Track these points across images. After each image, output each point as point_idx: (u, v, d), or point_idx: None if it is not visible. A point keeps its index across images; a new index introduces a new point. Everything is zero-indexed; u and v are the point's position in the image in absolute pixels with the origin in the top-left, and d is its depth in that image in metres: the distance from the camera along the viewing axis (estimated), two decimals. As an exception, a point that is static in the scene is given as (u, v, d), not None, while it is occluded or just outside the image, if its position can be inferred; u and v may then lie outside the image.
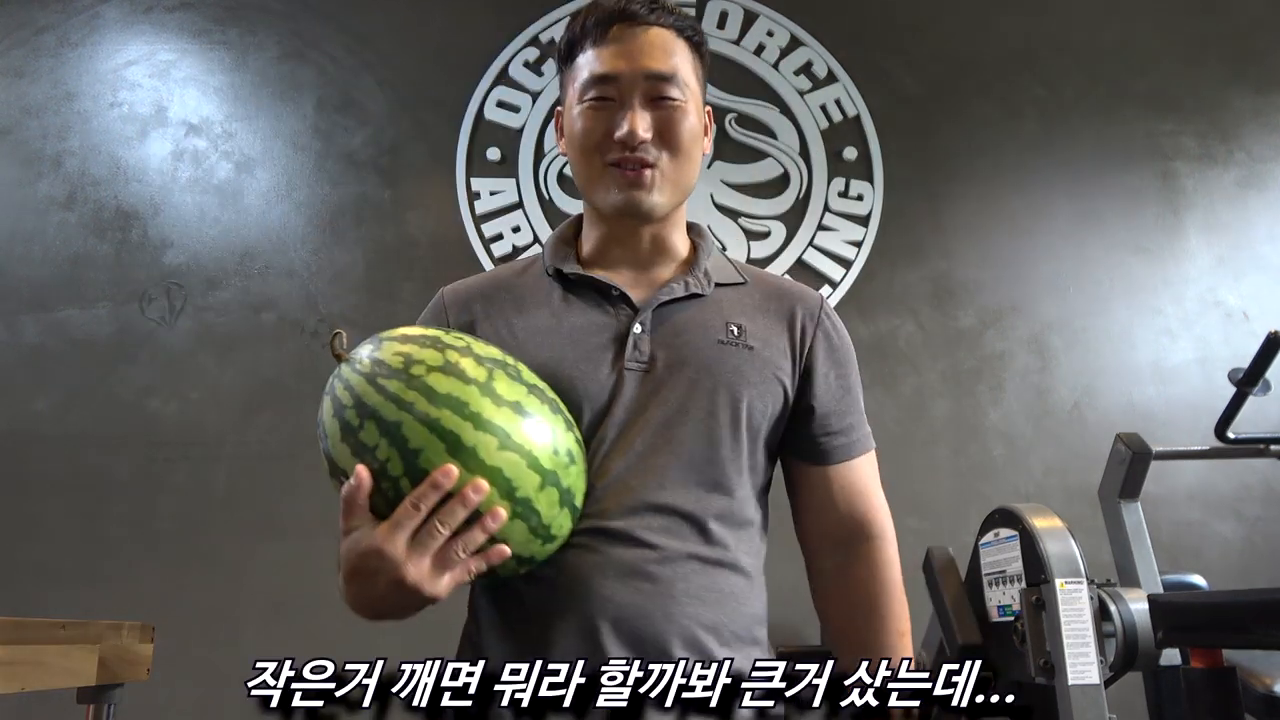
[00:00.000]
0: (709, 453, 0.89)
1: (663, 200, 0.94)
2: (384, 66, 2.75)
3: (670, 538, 0.86)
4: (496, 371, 0.79)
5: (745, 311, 0.96)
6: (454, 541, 0.74)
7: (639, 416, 0.89)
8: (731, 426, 0.90)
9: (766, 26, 2.83)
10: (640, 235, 0.98)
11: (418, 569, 0.73)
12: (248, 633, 2.29)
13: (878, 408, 2.60)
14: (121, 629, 1.23)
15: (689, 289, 0.95)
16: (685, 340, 0.92)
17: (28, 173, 2.63)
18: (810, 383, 0.97)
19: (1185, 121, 2.90)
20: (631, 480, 0.87)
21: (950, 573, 1.61)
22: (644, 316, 0.93)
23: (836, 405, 0.99)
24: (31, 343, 2.50)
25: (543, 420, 0.80)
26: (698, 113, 0.96)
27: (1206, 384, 2.66)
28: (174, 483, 2.42)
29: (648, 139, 0.91)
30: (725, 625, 0.87)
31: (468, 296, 0.99)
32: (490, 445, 0.75)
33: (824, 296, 1.04)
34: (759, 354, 0.93)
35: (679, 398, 0.89)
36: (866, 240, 2.71)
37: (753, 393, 0.92)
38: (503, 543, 0.77)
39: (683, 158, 0.94)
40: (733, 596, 0.89)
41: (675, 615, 0.84)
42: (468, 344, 0.81)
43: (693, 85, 0.95)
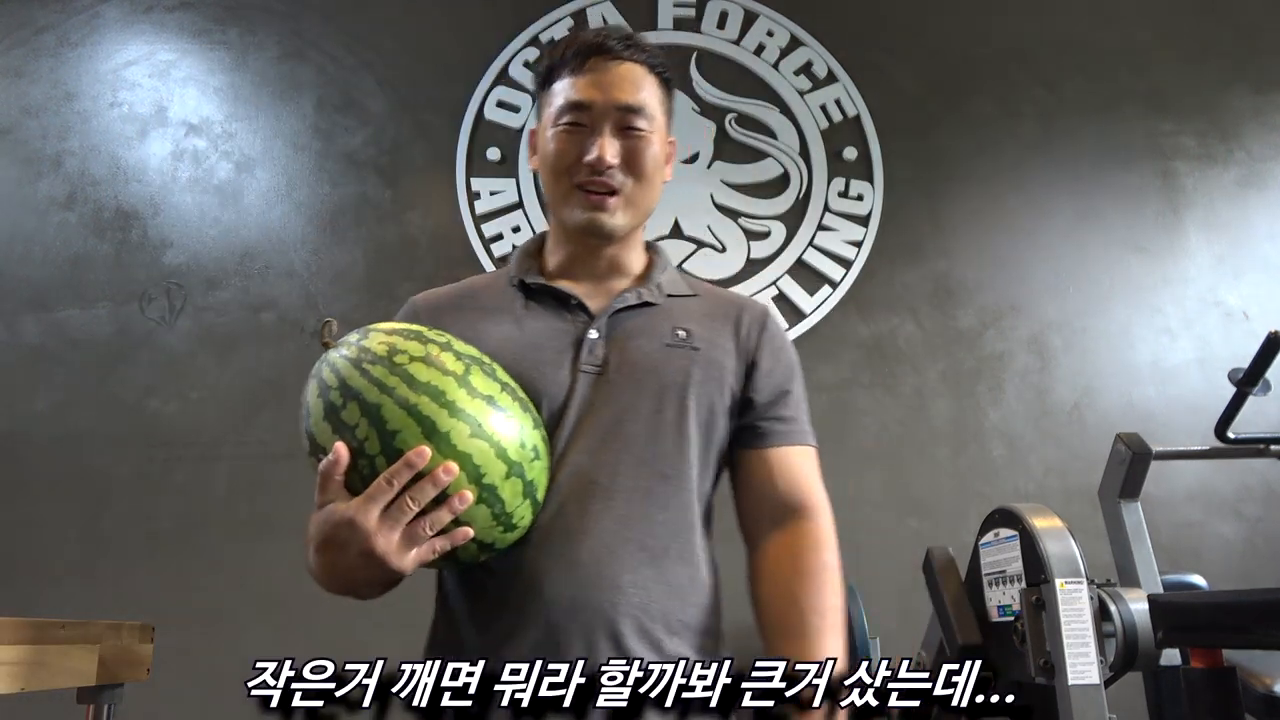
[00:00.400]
0: (656, 447, 0.95)
1: (623, 223, 1.02)
2: (384, 66, 2.75)
3: (618, 530, 0.91)
4: (473, 367, 0.85)
5: (693, 318, 1.04)
6: (422, 519, 0.79)
7: (592, 415, 0.95)
8: (677, 422, 0.96)
9: (766, 26, 2.83)
10: (600, 253, 1.05)
11: (387, 541, 0.78)
12: (248, 633, 2.29)
13: (878, 408, 2.60)
14: (121, 629, 1.23)
15: (641, 298, 1.03)
16: (636, 344, 0.99)
17: (28, 173, 2.63)
18: (754, 377, 1.03)
19: (1185, 121, 2.90)
20: (582, 476, 0.92)
21: (950, 573, 1.61)
22: (599, 323, 1.00)
23: (778, 397, 1.04)
24: (31, 343, 2.51)
25: (512, 415, 0.85)
26: (662, 143, 1.04)
27: (1206, 384, 2.65)
28: (174, 483, 2.42)
29: (615, 164, 0.99)
30: (674, 614, 0.91)
31: (438, 304, 1.06)
32: (463, 432, 0.80)
33: (768, 306, 1.13)
34: (704, 355, 1.00)
35: (629, 397, 0.96)
36: (866, 240, 2.71)
37: (698, 391, 0.98)
38: (467, 525, 0.82)
39: (645, 183, 1.02)
40: (680, 587, 0.93)
41: (622, 605, 0.89)
42: (448, 340, 0.87)
43: (659, 117, 1.03)
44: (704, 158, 2.73)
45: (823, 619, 0.93)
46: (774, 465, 1.02)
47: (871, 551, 2.45)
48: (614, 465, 0.93)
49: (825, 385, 2.61)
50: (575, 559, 0.89)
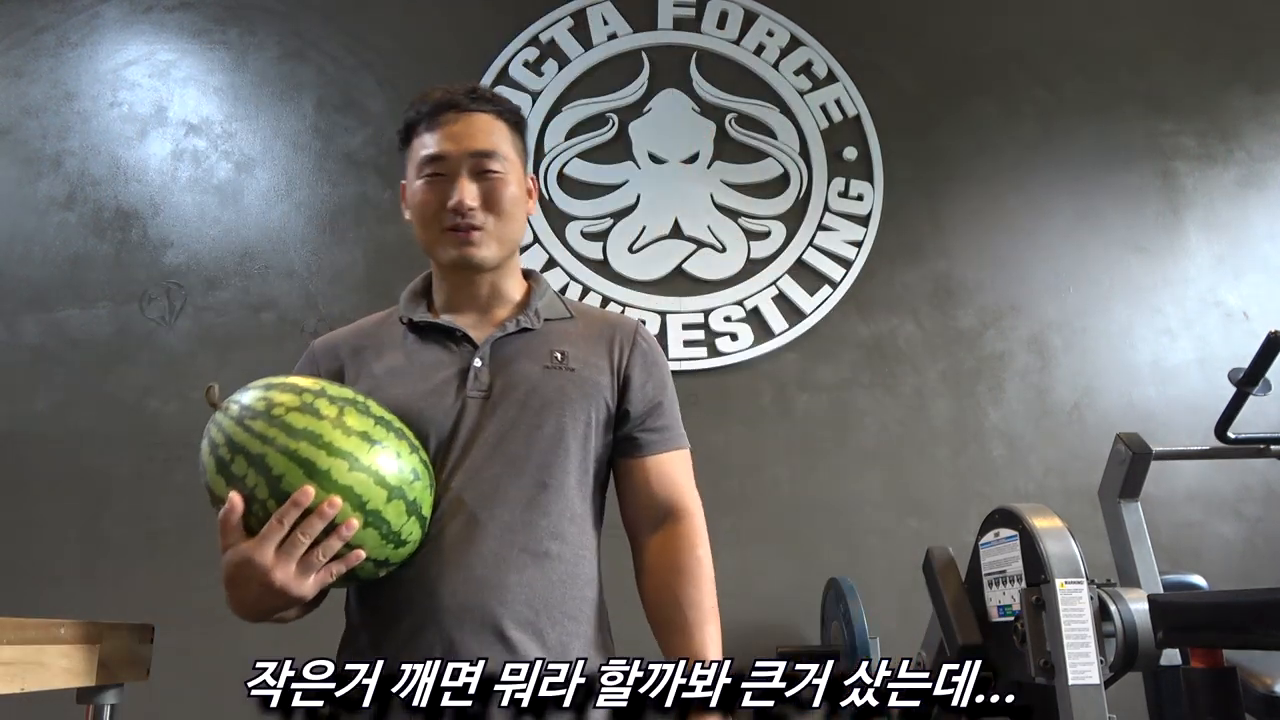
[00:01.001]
0: (536, 459, 1.04)
1: (490, 254, 1.11)
2: (384, 66, 2.75)
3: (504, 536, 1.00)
4: (347, 408, 0.94)
5: (569, 340, 1.13)
6: (315, 549, 0.88)
7: (478, 435, 1.04)
8: (556, 436, 1.06)
9: (766, 26, 2.83)
10: (478, 284, 1.15)
11: (284, 572, 0.88)
12: (248, 633, 2.28)
13: (878, 408, 2.60)
14: (121, 629, 1.23)
15: (520, 325, 1.12)
16: (516, 368, 1.09)
17: (28, 173, 2.63)
18: (628, 391, 1.13)
19: (1185, 121, 2.90)
20: (470, 490, 1.02)
21: (950, 573, 1.61)
22: (483, 351, 1.09)
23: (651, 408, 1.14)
24: (31, 343, 2.50)
25: (388, 445, 0.94)
26: (518, 181, 1.14)
27: (1206, 384, 2.65)
28: (174, 483, 2.41)
29: (475, 206, 1.09)
30: (556, 607, 1.01)
31: (335, 346, 1.16)
32: (341, 468, 0.89)
33: (640, 323, 1.22)
34: (579, 374, 1.10)
35: (511, 416, 1.05)
36: (866, 240, 2.71)
37: (574, 407, 1.08)
38: (358, 548, 0.91)
39: (506, 219, 1.11)
40: (560, 582, 1.02)
41: (509, 601, 0.98)
42: (322, 387, 0.96)
43: (513, 158, 1.13)
44: (704, 158, 2.73)
45: (698, 611, 1.04)
46: (650, 472, 1.12)
47: (871, 551, 2.45)
48: (498, 478, 1.03)
49: (825, 385, 2.61)
50: (468, 565, 0.99)
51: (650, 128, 2.74)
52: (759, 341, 2.61)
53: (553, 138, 2.71)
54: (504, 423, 1.05)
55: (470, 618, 0.97)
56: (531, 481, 1.03)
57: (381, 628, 1.01)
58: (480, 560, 0.99)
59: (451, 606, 0.97)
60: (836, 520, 2.49)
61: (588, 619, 1.04)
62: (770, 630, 2.31)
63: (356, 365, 1.11)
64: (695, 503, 1.12)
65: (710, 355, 2.58)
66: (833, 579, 2.20)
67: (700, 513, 1.12)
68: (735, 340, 2.60)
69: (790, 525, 2.46)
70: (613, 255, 2.64)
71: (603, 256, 2.64)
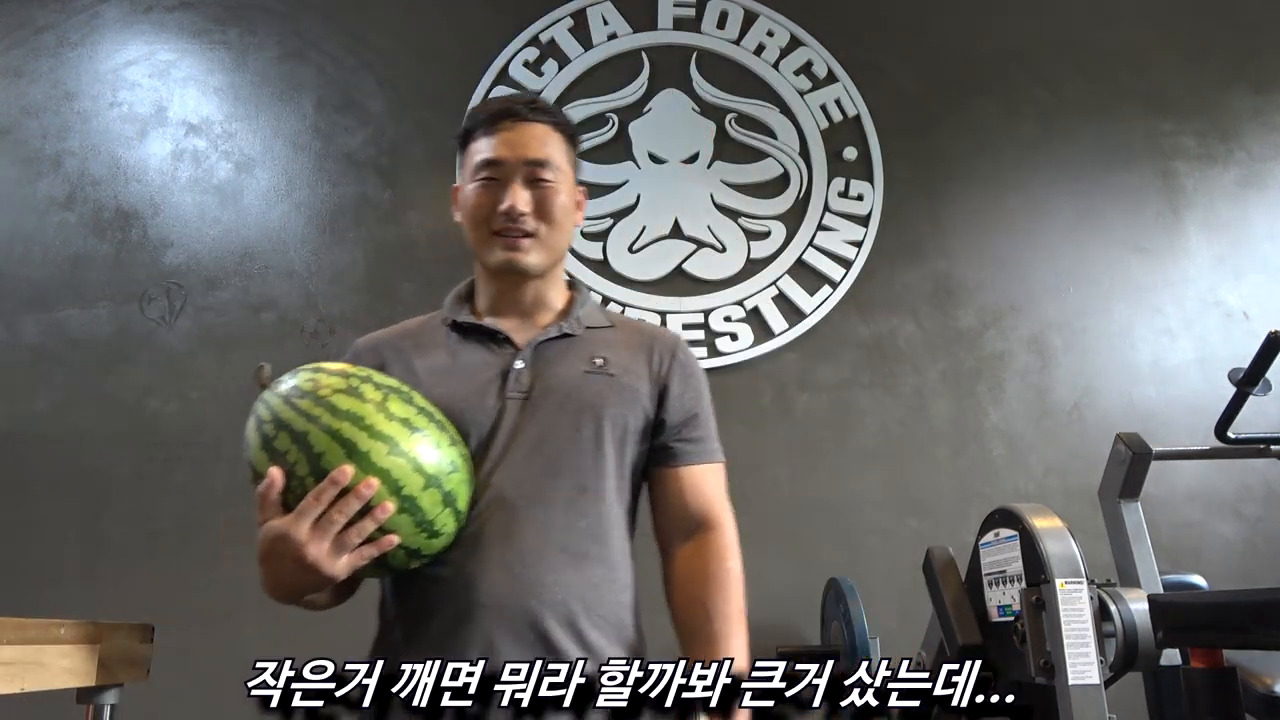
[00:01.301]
0: (574, 461, 1.05)
1: (537, 261, 1.13)
2: (384, 66, 2.75)
3: (542, 536, 1.01)
4: (391, 395, 0.96)
5: (610, 347, 1.15)
6: (349, 529, 0.89)
7: (518, 436, 1.05)
8: (594, 440, 1.07)
9: (766, 26, 2.83)
10: (523, 290, 1.16)
11: (318, 549, 0.88)
12: (248, 633, 2.29)
13: (878, 408, 2.60)
14: (121, 629, 1.23)
15: (562, 330, 1.14)
16: (557, 372, 1.10)
17: (28, 173, 2.63)
18: (665, 400, 1.14)
19: (1185, 121, 2.90)
20: (510, 489, 1.02)
21: (950, 573, 1.61)
22: (524, 354, 1.11)
23: (688, 419, 1.15)
24: (31, 343, 2.50)
25: (428, 434, 0.95)
26: (569, 191, 1.16)
27: (1206, 384, 2.66)
28: (174, 483, 2.42)
29: (527, 212, 1.11)
30: (594, 609, 1.01)
31: (377, 345, 1.17)
32: (381, 451, 0.90)
33: (679, 336, 1.23)
34: (619, 380, 1.11)
35: (551, 418, 1.07)
36: (866, 240, 2.71)
37: (613, 412, 1.09)
38: (392, 533, 0.91)
39: (555, 228, 1.13)
40: (597, 584, 1.03)
41: (546, 602, 0.98)
42: (368, 374, 0.99)
43: (565, 169, 1.16)
44: (704, 158, 2.73)
45: (727, 622, 1.04)
46: (685, 482, 1.12)
47: (871, 551, 2.45)
48: (538, 479, 1.03)
49: (825, 385, 2.61)
50: (506, 562, 0.99)
51: (650, 128, 2.74)
52: (759, 341, 2.61)
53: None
54: (543, 424, 1.06)
55: (510, 616, 0.97)
56: (570, 483, 1.04)
57: (416, 624, 1.01)
58: (519, 558, 0.99)
59: (490, 604, 0.97)
60: (836, 520, 2.49)
61: (625, 623, 1.05)
62: (770, 630, 2.31)
63: (399, 364, 1.12)
64: (728, 515, 1.12)
65: (710, 355, 2.58)
66: (833, 579, 2.20)
67: (732, 526, 1.12)
68: (735, 340, 2.60)
69: (790, 525, 2.46)
70: (613, 255, 2.64)
71: (603, 256, 2.64)
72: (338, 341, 2.54)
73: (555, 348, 1.13)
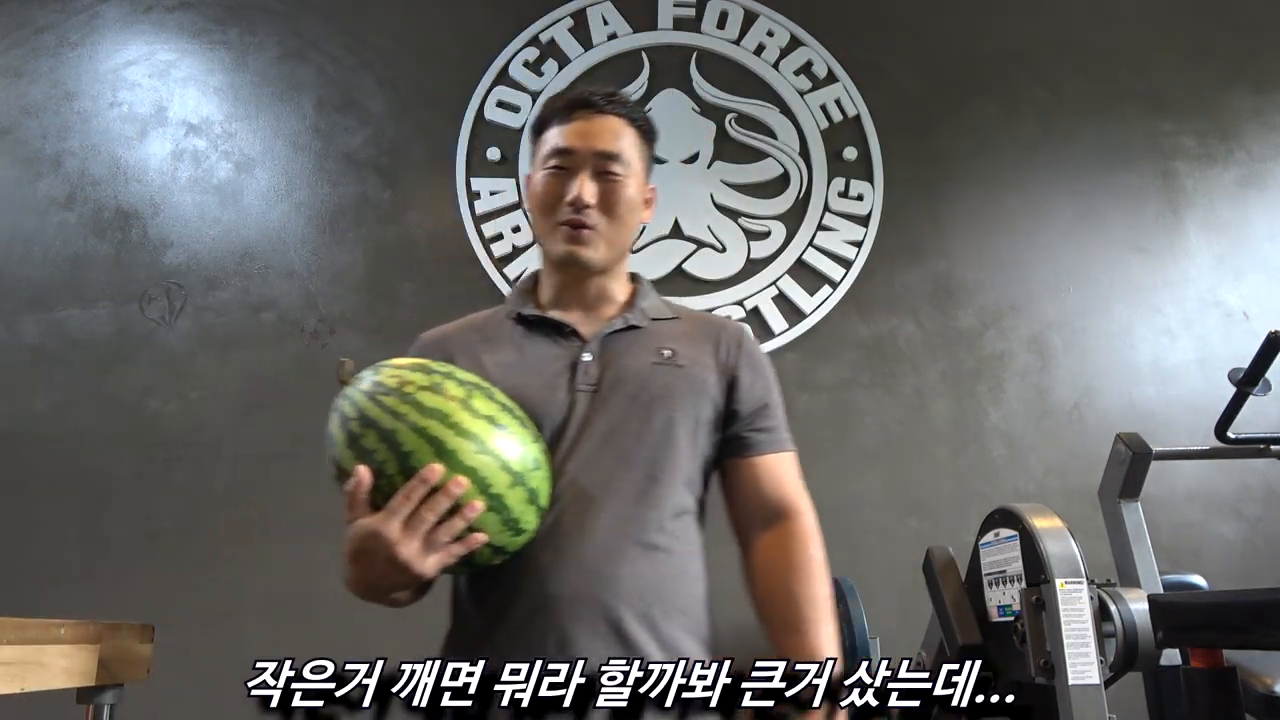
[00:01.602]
0: (646, 453, 1.05)
1: (598, 256, 1.13)
2: (384, 66, 2.75)
3: (615, 528, 1.00)
4: (475, 391, 0.95)
5: (676, 339, 1.14)
6: (439, 528, 0.88)
7: (588, 428, 1.05)
8: (666, 431, 1.06)
9: (766, 26, 2.83)
10: (586, 284, 1.16)
11: (409, 548, 0.87)
12: (248, 633, 2.29)
13: (878, 408, 2.60)
14: (121, 629, 1.23)
15: (629, 322, 1.14)
16: (625, 364, 1.09)
17: (28, 173, 2.63)
18: (736, 390, 1.13)
19: (1185, 121, 2.90)
20: (582, 482, 1.02)
21: (950, 573, 1.61)
22: (592, 346, 1.10)
23: (759, 408, 1.14)
24: (31, 343, 2.50)
25: (512, 432, 0.95)
26: (638, 187, 1.15)
27: (1206, 384, 2.66)
28: (174, 483, 2.42)
29: (592, 204, 1.10)
30: (668, 601, 1.01)
31: (443, 339, 1.17)
32: (469, 449, 0.90)
33: (744, 328, 1.22)
34: (688, 371, 1.10)
35: (621, 410, 1.06)
36: (866, 240, 2.71)
37: (684, 403, 1.08)
38: (479, 531, 0.91)
39: (619, 222, 1.13)
40: (671, 577, 1.02)
41: (621, 594, 0.98)
42: (450, 370, 0.98)
43: (636, 165, 1.14)
44: (704, 158, 2.73)
45: (815, 609, 1.03)
46: (759, 472, 1.12)
47: (871, 551, 2.45)
48: (609, 471, 1.03)
49: (825, 385, 2.61)
50: (579, 555, 0.98)
51: (650, 128, 2.74)
52: (759, 341, 2.60)
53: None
54: (614, 416, 1.05)
55: (584, 609, 0.97)
56: (642, 475, 1.04)
57: (491, 618, 1.01)
58: (593, 550, 0.98)
59: (563, 596, 0.97)
60: (836, 520, 2.47)
61: (697, 615, 1.04)
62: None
63: (466, 358, 1.10)
64: (807, 502, 1.12)
65: (710, 355, 2.58)
66: (833, 579, 2.20)
67: (812, 512, 1.11)
68: (735, 340, 2.60)
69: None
70: (613, 255, 2.64)
71: (603, 256, 2.64)
72: (338, 341, 2.54)
73: (622, 340, 1.12)
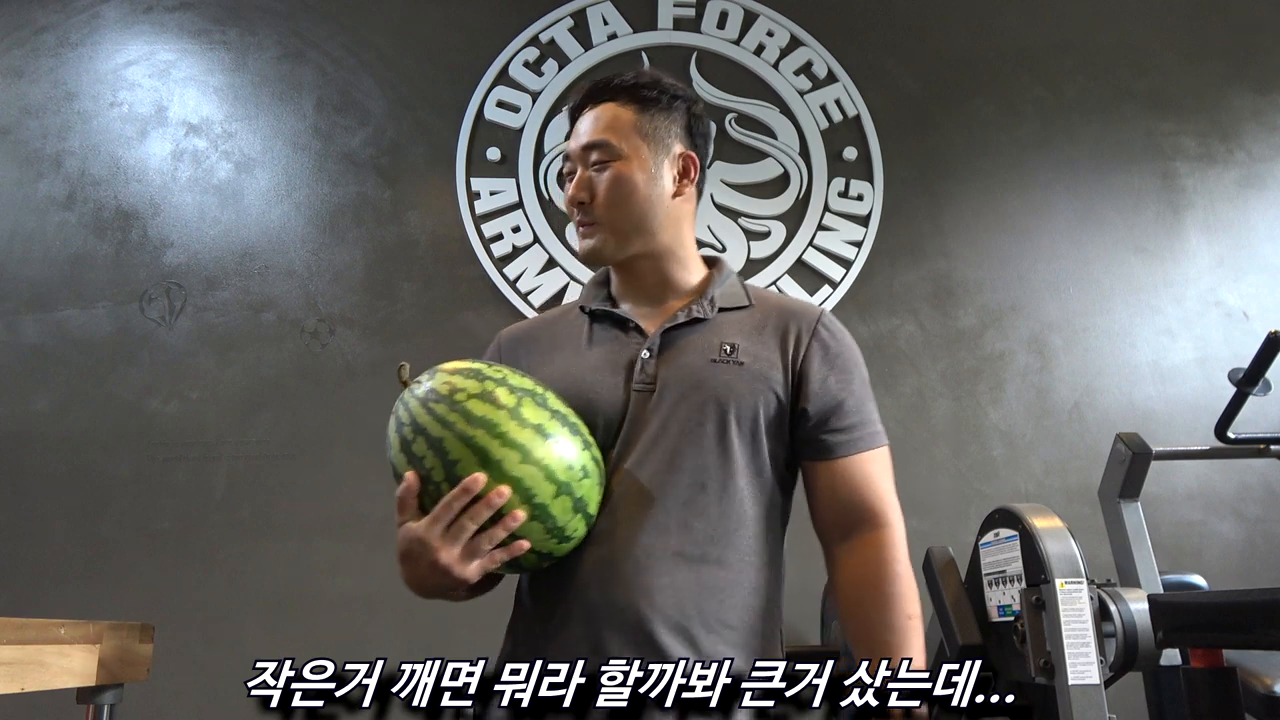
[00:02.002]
0: (695, 458, 1.01)
1: (604, 245, 1.11)
2: (384, 66, 2.75)
3: (655, 538, 0.98)
4: (525, 399, 0.95)
5: (742, 332, 1.09)
6: (480, 536, 0.90)
7: (640, 430, 1.02)
8: (718, 434, 1.02)
9: (766, 26, 2.83)
10: (641, 274, 1.14)
11: (449, 554, 0.90)
12: (248, 633, 2.29)
13: (878, 407, 2.60)
14: (121, 629, 1.23)
15: (691, 315, 1.09)
16: (683, 361, 1.06)
17: (28, 173, 2.63)
18: (804, 388, 1.06)
19: (1185, 121, 2.90)
20: (626, 487, 1.00)
21: (950, 573, 1.61)
22: (651, 343, 1.07)
23: (834, 407, 1.07)
24: (31, 343, 2.50)
25: (560, 440, 0.94)
26: (640, 163, 1.10)
27: (1206, 384, 2.66)
28: (174, 483, 2.42)
29: (584, 200, 1.10)
30: (711, 614, 0.97)
31: (518, 337, 1.19)
32: (513, 459, 0.90)
33: (824, 310, 1.14)
34: (749, 368, 1.05)
35: (671, 411, 1.02)
36: (866, 240, 2.71)
37: (740, 403, 1.03)
38: (522, 539, 0.92)
39: (618, 208, 1.09)
40: (717, 589, 0.98)
41: (657, 604, 0.95)
42: (504, 376, 0.97)
43: (630, 142, 1.10)
44: (704, 158, 2.73)
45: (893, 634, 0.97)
46: (837, 476, 1.06)
47: (871, 551, 2.45)
48: (654, 476, 1.00)
49: (825, 385, 2.60)
50: (615, 563, 0.97)
51: (650, 128, 2.74)
52: (759, 341, 2.60)
53: (553, 138, 2.71)
54: (664, 418, 1.02)
55: (618, 617, 0.95)
56: (689, 481, 1.00)
57: (538, 618, 1.02)
58: (629, 560, 0.97)
59: (598, 603, 0.96)
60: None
61: (750, 628, 0.99)
62: (770, 630, 2.31)
63: (537, 354, 1.12)
64: (891, 509, 1.04)
65: (710, 355, 2.58)
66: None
67: (899, 521, 1.04)
68: (735, 340, 2.60)
69: (790, 525, 2.46)
70: (613, 255, 2.64)
71: (603, 256, 2.63)
72: (338, 341, 2.54)
73: (683, 335, 1.08)
